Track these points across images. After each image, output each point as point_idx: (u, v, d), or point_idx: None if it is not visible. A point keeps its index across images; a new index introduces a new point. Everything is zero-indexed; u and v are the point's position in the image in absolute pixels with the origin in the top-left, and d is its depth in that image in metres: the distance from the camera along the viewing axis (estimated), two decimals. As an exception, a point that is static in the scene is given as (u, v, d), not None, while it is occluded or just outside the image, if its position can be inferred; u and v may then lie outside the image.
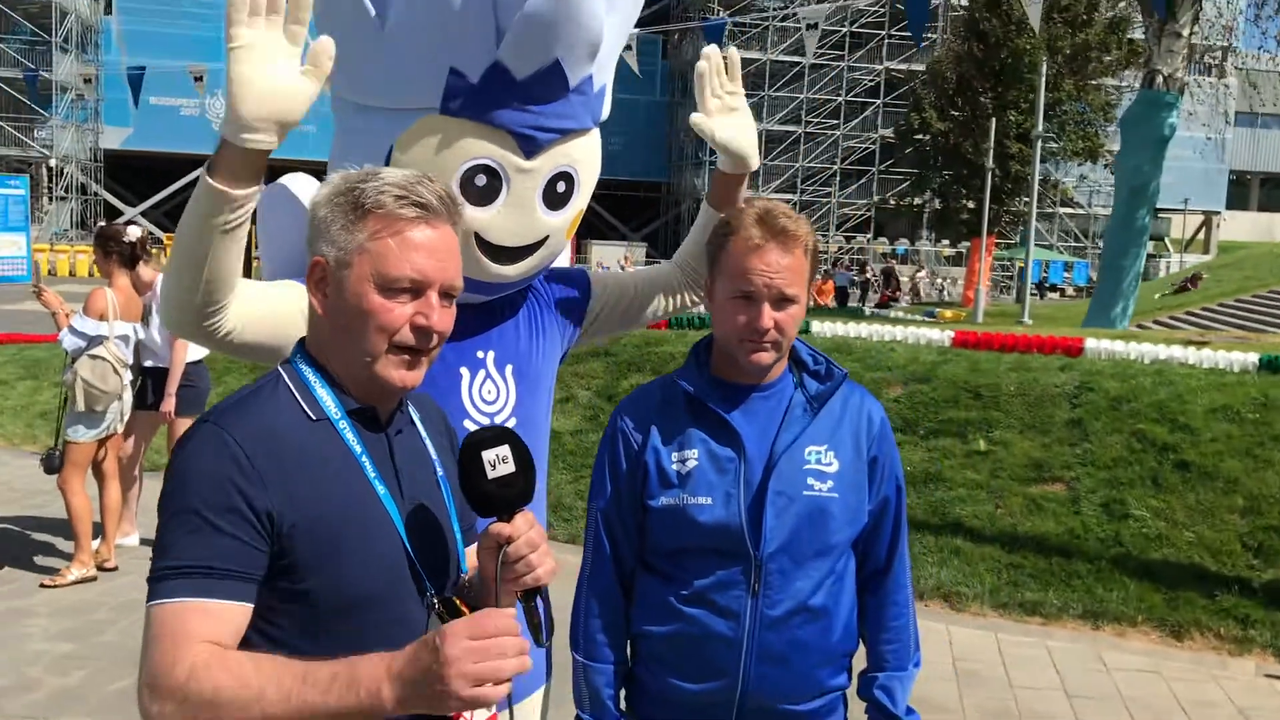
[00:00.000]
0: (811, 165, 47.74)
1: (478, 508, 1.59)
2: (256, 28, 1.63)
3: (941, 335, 8.87)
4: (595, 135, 2.21)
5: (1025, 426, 7.31)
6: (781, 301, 2.05)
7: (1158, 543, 6.30)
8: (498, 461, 1.56)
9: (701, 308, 2.45)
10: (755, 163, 2.42)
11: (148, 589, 1.43)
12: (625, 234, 50.93)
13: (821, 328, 9.16)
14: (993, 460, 7.13)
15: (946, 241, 44.64)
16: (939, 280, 42.26)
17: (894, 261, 42.80)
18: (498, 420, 2.18)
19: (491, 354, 2.20)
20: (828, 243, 47.07)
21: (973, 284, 29.13)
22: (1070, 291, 43.11)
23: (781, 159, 47.35)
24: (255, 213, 1.83)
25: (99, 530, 6.17)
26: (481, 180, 2.03)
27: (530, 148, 2.04)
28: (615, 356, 8.59)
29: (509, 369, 2.22)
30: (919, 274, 41.17)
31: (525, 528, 1.57)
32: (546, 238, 2.16)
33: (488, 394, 2.18)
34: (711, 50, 2.32)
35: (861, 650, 2.27)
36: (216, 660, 1.37)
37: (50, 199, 40.73)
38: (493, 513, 1.57)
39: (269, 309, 1.89)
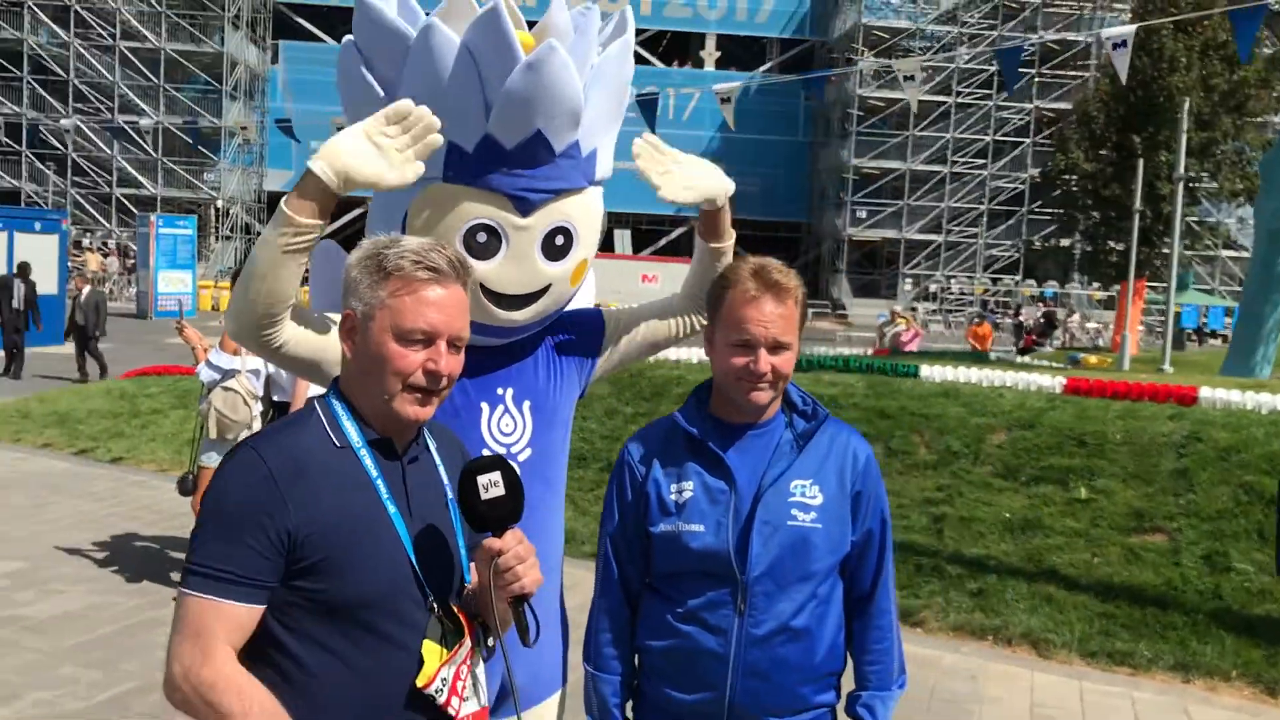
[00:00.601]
0: (958, 205, 47.05)
1: (474, 525, 1.88)
2: (391, 130, 2.06)
3: (1053, 382, 8.82)
4: (591, 193, 2.47)
5: (1129, 475, 7.24)
6: (777, 347, 2.29)
7: (1260, 598, 6.17)
8: (490, 485, 1.85)
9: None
10: (723, 199, 2.62)
11: (181, 575, 1.76)
12: (766, 274, 50.93)
13: (930, 372, 9.20)
14: (1093, 509, 7.07)
15: (1098, 284, 43.37)
16: (1089, 325, 41.06)
17: (1046, 305, 41.73)
18: (514, 450, 2.45)
19: (510, 390, 2.48)
20: (974, 284, 46.25)
21: (1120, 329, 28.23)
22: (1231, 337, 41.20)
23: (927, 199, 46.83)
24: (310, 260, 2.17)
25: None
26: (483, 237, 2.32)
27: (524, 207, 2.33)
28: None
29: (526, 404, 2.49)
30: (1070, 318, 40.08)
31: (514, 543, 1.86)
32: (549, 285, 2.42)
33: (505, 427, 2.46)
34: (638, 145, 2.50)
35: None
36: (239, 687, 1.70)
37: (216, 238, 43.30)
38: (486, 529, 1.85)
39: (317, 332, 2.22)
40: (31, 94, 43.73)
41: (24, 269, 17.95)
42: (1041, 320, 35.27)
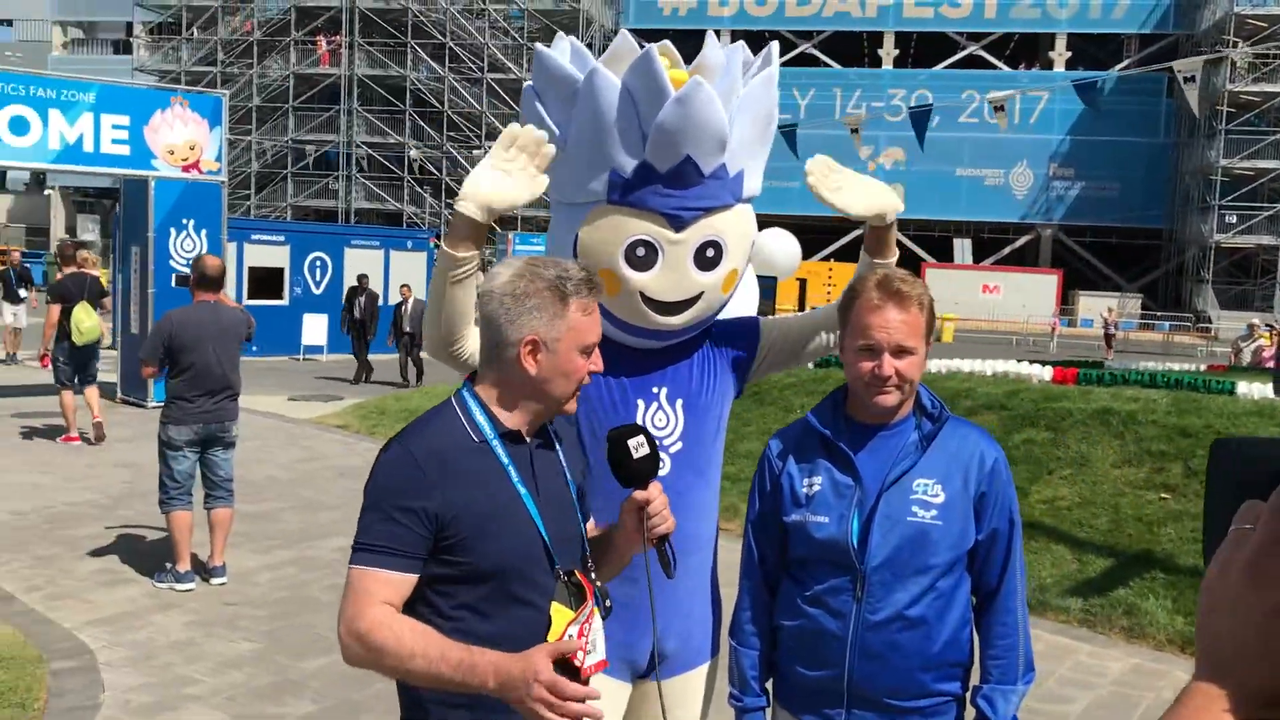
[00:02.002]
0: (1348, 208, 42.16)
1: (623, 481, 2.21)
2: (513, 155, 2.43)
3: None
4: (740, 210, 2.70)
5: None
6: (900, 352, 2.47)
7: None
8: (639, 447, 2.20)
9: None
10: (892, 215, 2.82)
11: (350, 554, 2.13)
12: (1120, 284, 47.85)
13: (1248, 389, 8.54)
14: None
15: None
16: None
17: None
18: (666, 443, 2.76)
19: (665, 389, 2.78)
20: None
21: None
22: None
23: (1311, 199, 42.30)
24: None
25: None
26: (641, 251, 2.63)
27: (677, 224, 2.62)
28: (1011, 410, 8.63)
29: (679, 402, 2.79)
30: None
31: (656, 493, 2.21)
32: (701, 293, 2.70)
33: (659, 421, 2.76)
34: (811, 164, 2.75)
35: (978, 666, 2.57)
36: (388, 622, 2.05)
37: (570, 252, 46.23)
38: (633, 485, 2.20)
39: None
40: (412, 125, 48.55)
41: (362, 281, 19.10)
42: None
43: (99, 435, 11.14)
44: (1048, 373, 9.51)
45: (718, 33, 3.48)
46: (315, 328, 21.34)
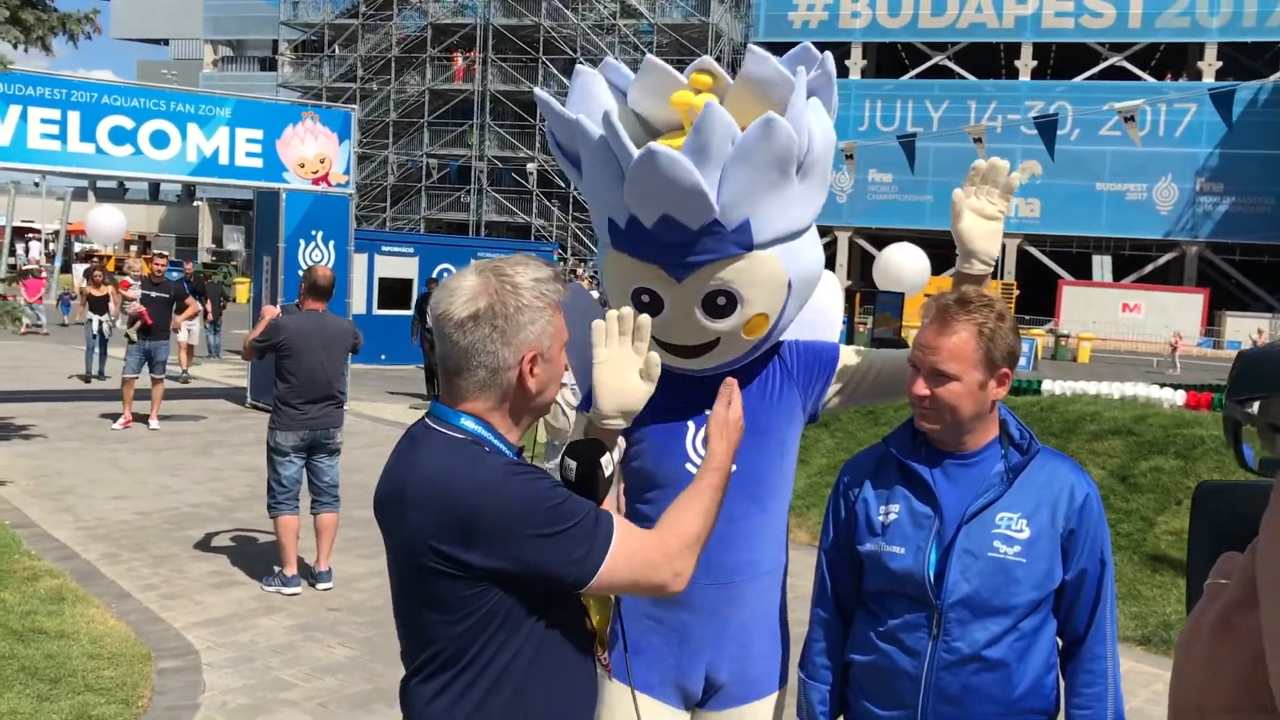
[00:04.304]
0: None
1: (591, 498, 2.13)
2: (611, 346, 2.25)
3: None
4: (755, 257, 2.44)
5: None
6: (936, 375, 2.31)
7: None
8: (609, 465, 2.16)
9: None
10: (981, 269, 2.61)
11: (599, 545, 1.91)
12: (1272, 305, 45.54)
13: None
14: None
15: None
16: None
17: None
18: None
19: None
20: None
21: None
22: None
23: None
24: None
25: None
26: (646, 298, 2.50)
27: (677, 274, 2.44)
28: (1138, 436, 8.21)
29: None
30: None
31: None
32: (718, 340, 2.54)
33: None
34: (979, 164, 2.58)
35: None
36: (659, 532, 2.03)
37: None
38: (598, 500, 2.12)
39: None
40: (542, 139, 49.29)
41: (433, 287, 19.45)
42: None
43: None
44: (1180, 397, 9.03)
45: (848, 46, 3.28)
46: (441, 338, 21.65)
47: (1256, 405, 0.83)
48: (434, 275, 19.73)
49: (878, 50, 49.53)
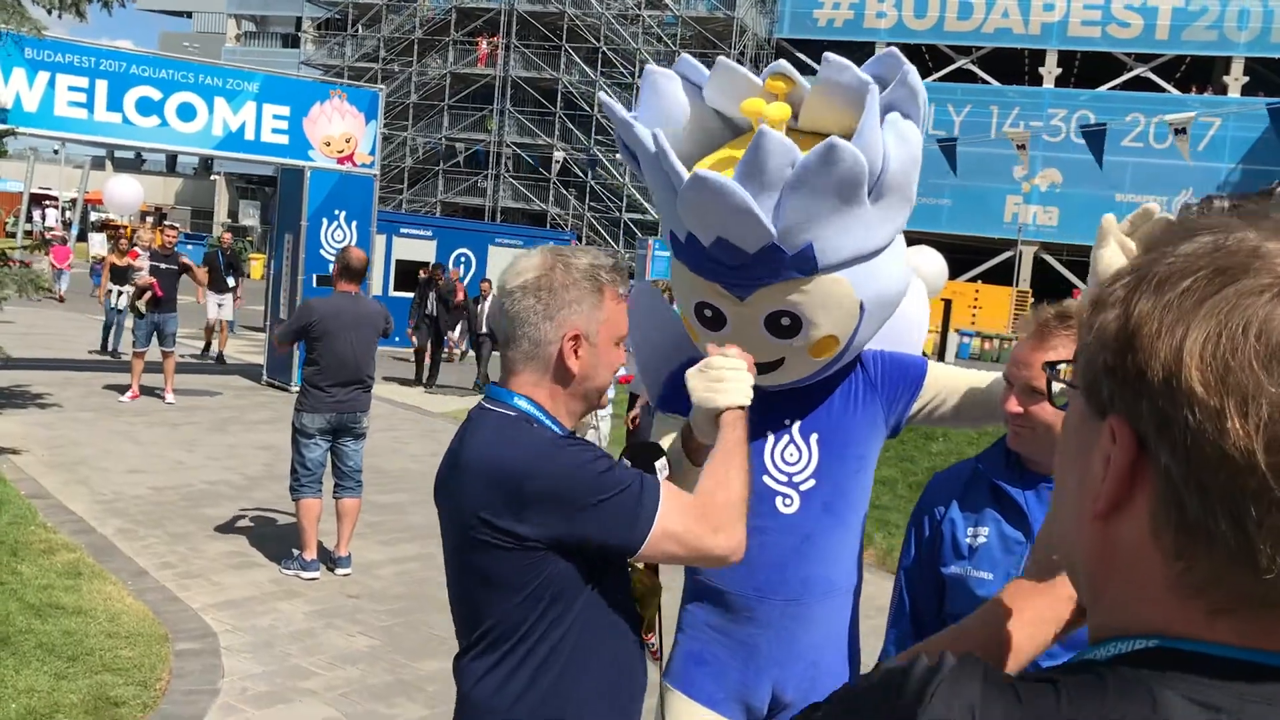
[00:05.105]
0: None
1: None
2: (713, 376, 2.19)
3: None
4: (822, 281, 2.30)
5: None
6: (1031, 392, 2.19)
7: None
8: (663, 470, 2.16)
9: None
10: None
11: (647, 509, 1.89)
12: (1288, 324, 45.24)
13: None
14: None
15: None
16: None
17: None
18: (797, 480, 2.52)
19: (797, 423, 2.53)
20: None
21: None
22: None
23: None
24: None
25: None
26: (709, 313, 2.40)
27: (739, 294, 2.33)
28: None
29: (814, 436, 2.53)
30: None
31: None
32: (783, 358, 2.41)
33: (790, 456, 2.52)
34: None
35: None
36: (701, 495, 1.97)
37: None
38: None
39: None
40: (561, 127, 49.12)
41: (436, 272, 17.65)
42: None
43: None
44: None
45: (873, 45, 3.12)
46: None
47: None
48: (434, 262, 19.17)
49: (902, 51, 49.09)
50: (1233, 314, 0.72)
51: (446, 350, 17.58)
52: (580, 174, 48.31)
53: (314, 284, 13.52)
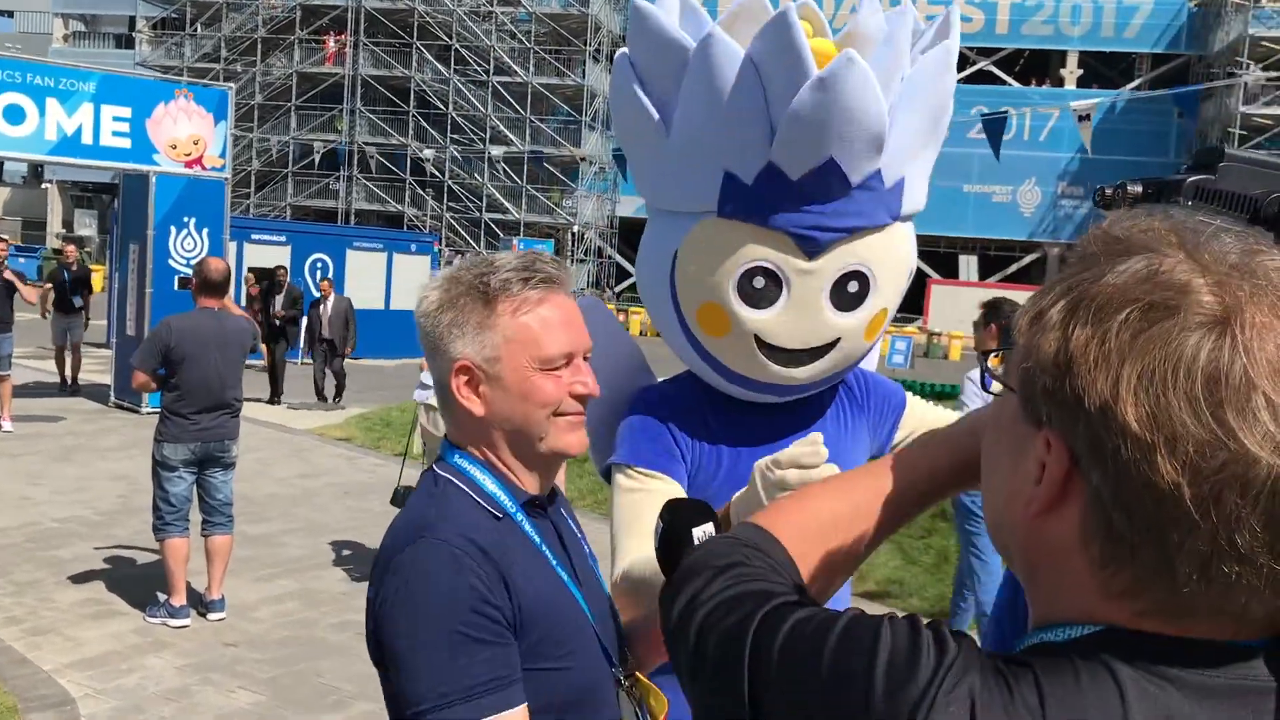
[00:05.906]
0: (1360, 234, 41.80)
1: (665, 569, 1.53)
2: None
3: None
4: (897, 230, 2.09)
5: None
6: None
7: None
8: (703, 536, 1.57)
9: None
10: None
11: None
12: (1127, 306, 47.45)
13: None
14: None
15: None
16: None
17: None
18: None
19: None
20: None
21: None
22: None
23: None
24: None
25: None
26: (760, 282, 2.02)
27: (811, 248, 1.99)
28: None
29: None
30: None
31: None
32: (838, 340, 2.09)
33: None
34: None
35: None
36: None
37: (571, 260, 45.81)
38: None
39: None
40: (415, 126, 48.02)
41: (279, 275, 16.28)
42: None
43: None
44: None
45: None
46: (313, 331, 20.63)
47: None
48: (277, 265, 17.50)
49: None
50: (1165, 353, 0.74)
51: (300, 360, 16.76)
52: (436, 174, 47.36)
53: (175, 286, 12.64)
